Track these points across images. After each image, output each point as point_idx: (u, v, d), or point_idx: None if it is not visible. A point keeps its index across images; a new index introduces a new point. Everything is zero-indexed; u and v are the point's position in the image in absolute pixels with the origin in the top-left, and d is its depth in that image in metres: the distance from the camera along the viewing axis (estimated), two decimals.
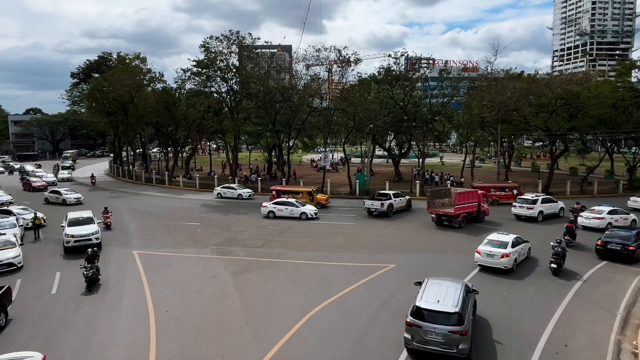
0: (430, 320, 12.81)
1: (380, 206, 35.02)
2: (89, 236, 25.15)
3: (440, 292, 13.71)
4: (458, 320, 12.68)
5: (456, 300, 13.17)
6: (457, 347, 12.47)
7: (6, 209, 33.21)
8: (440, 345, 12.60)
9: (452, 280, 15.02)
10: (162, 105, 58.21)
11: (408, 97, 50.77)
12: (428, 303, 13.20)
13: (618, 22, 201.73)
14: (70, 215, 27.21)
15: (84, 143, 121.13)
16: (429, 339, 12.69)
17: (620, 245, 22.21)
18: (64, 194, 43.14)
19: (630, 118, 46.48)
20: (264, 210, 35.81)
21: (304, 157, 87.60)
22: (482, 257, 21.19)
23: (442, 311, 12.86)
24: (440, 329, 12.58)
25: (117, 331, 15.43)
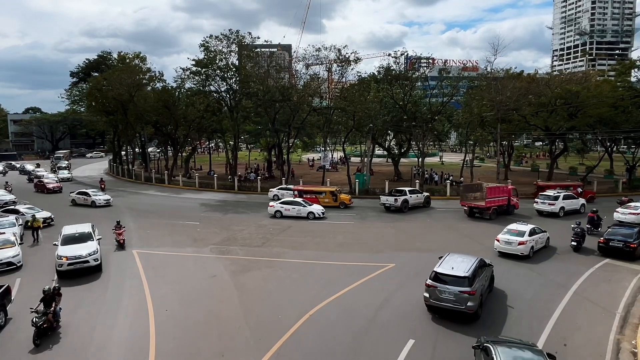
0: (444, 282, 15.74)
1: (394, 202, 36.46)
2: (85, 257, 20.93)
3: (456, 262, 16.66)
4: (467, 283, 15.44)
5: (467, 268, 16.03)
6: (466, 304, 15.26)
7: (13, 208, 32.94)
8: (451, 302, 15.46)
9: (468, 255, 17.75)
10: (161, 105, 58.13)
11: (408, 97, 50.79)
12: (444, 269, 16.19)
13: (618, 21, 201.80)
14: (65, 231, 23.41)
15: (84, 142, 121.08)
16: (442, 297, 15.62)
17: (622, 242, 22.50)
18: (92, 195, 41.10)
19: (629, 117, 46.51)
20: (271, 210, 35.49)
21: (304, 157, 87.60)
22: (500, 244, 23.33)
23: (454, 275, 15.77)
24: (452, 289, 15.47)
25: (116, 330, 15.43)
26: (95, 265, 21.23)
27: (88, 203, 40.59)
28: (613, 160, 59.64)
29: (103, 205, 40.07)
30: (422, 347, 14.00)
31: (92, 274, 20.93)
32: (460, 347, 13.98)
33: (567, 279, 19.80)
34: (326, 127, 51.79)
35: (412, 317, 16.19)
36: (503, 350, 11.17)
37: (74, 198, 41.64)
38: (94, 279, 20.58)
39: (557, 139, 51.22)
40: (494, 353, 11.02)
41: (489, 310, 16.49)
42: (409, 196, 37.51)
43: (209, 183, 53.34)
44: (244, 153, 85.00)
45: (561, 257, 23.23)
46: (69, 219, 32.13)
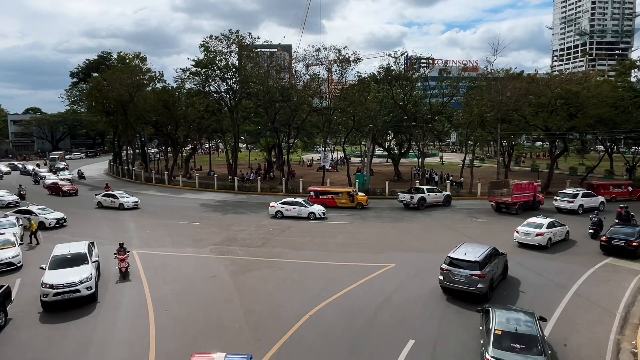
0: (457, 267, 17.46)
1: (411, 199, 37.84)
2: (75, 286, 17.07)
3: (468, 249, 18.43)
4: (478, 267, 17.09)
5: (479, 255, 17.71)
6: (476, 286, 16.93)
7: (27, 209, 32.65)
8: (463, 284, 17.20)
9: (481, 244, 19.41)
10: (161, 105, 58.12)
11: (408, 97, 50.76)
12: (457, 255, 17.98)
13: (618, 21, 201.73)
14: (56, 250, 19.86)
15: (84, 142, 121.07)
16: (455, 280, 17.39)
17: (624, 241, 22.80)
18: (120, 197, 39.65)
19: (629, 118, 46.51)
20: (272, 210, 35.38)
21: (304, 157, 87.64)
22: (519, 235, 25.13)
23: (466, 260, 17.51)
24: (464, 273, 17.21)
25: (116, 330, 15.44)
26: (88, 295, 17.42)
27: (115, 205, 39.06)
28: (613, 160, 59.65)
29: (131, 207, 38.90)
30: (422, 348, 14.00)
31: (85, 305, 17.34)
32: (461, 347, 13.99)
33: (567, 279, 19.80)
34: (326, 128, 51.76)
35: (412, 317, 16.20)
36: (500, 312, 13.41)
37: (100, 200, 40.13)
38: None
39: (557, 139, 51.16)
40: (492, 313, 13.29)
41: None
42: (427, 194, 38.58)
43: (209, 183, 53.36)
44: (244, 153, 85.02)
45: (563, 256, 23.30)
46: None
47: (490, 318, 13.05)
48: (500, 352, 11.75)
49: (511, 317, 13.03)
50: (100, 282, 20.22)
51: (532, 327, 12.58)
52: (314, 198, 38.88)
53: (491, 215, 35.38)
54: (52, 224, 31.20)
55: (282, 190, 48.15)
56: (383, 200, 43.10)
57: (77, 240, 22.61)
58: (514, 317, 13.05)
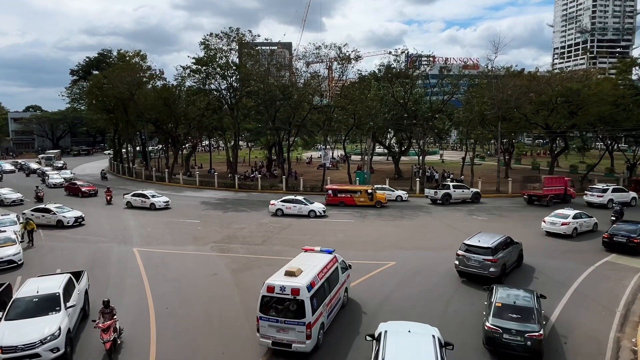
0: (472, 252, 19.06)
1: (435, 194, 39.33)
2: (34, 347, 12.37)
3: (483, 237, 19.94)
4: (490, 252, 18.66)
5: (492, 242, 19.20)
6: (488, 270, 18.51)
7: (45, 207, 32.19)
8: (476, 268, 18.83)
9: (496, 233, 20.73)
10: (162, 103, 58.13)
11: (408, 95, 50.67)
12: (472, 242, 19.57)
13: (619, 19, 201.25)
14: (23, 289, 14.83)
15: (84, 140, 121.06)
16: (469, 264, 19.07)
17: (625, 237, 23.02)
18: (151, 197, 38.42)
19: (630, 116, 46.44)
20: (272, 208, 35.36)
21: (304, 155, 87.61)
22: (546, 225, 27.20)
23: (480, 246, 19.09)
24: (478, 258, 18.81)
25: None
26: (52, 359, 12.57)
27: (146, 206, 37.83)
28: (614, 158, 59.58)
29: (162, 207, 37.81)
30: None
31: None
32: (460, 345, 14.00)
33: (567, 277, 19.82)
34: (326, 126, 51.70)
35: (412, 315, 16.17)
36: (503, 289, 14.81)
37: (129, 200, 38.89)
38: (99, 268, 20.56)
39: (558, 137, 51.11)
40: (495, 290, 14.69)
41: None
42: (453, 190, 39.79)
43: (209, 181, 53.36)
44: (244, 151, 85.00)
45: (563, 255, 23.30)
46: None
47: (494, 293, 14.49)
48: (498, 321, 13.17)
49: (512, 293, 14.34)
50: (101, 277, 20.27)
51: (529, 301, 13.80)
52: (333, 197, 38.65)
53: (491, 213, 35.39)
54: (71, 222, 30.97)
55: (283, 188, 48.16)
56: None
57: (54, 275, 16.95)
58: (514, 294, 14.34)
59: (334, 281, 15.62)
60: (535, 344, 12.65)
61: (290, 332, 12.94)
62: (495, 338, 13.07)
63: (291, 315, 13.09)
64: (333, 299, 15.15)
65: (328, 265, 15.50)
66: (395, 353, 10.51)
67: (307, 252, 17.11)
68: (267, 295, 13.48)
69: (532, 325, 12.86)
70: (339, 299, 15.96)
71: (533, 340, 12.62)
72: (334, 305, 15.34)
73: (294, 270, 14.07)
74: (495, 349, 13.24)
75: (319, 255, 16.31)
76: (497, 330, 13.00)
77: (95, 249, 25.59)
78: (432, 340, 11.00)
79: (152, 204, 37.85)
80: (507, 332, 12.87)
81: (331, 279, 15.29)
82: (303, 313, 12.93)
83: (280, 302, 13.36)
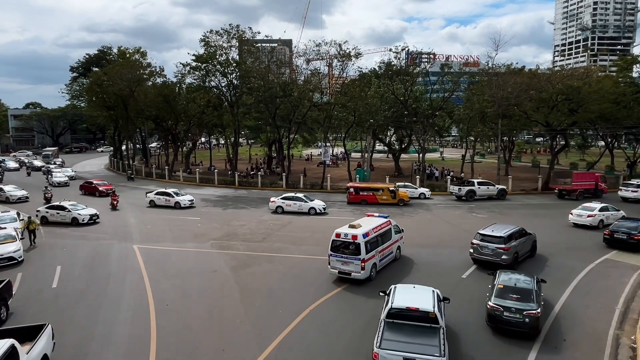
0: (485, 241, 20.60)
1: (458, 191, 40.27)
2: None
3: (497, 227, 21.57)
4: (503, 241, 20.08)
5: (505, 231, 20.68)
6: (500, 258, 19.94)
7: (59, 204, 31.89)
8: (490, 255, 20.28)
9: (510, 225, 22.11)
10: (162, 100, 58.06)
11: (409, 92, 50.62)
12: (486, 231, 21.07)
13: (620, 17, 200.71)
14: None
15: (84, 137, 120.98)
16: (483, 252, 20.52)
17: (626, 234, 23.33)
18: (175, 195, 37.42)
19: (631, 113, 46.38)
20: (272, 206, 35.34)
21: (304, 152, 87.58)
22: (573, 217, 28.89)
23: (493, 235, 20.61)
24: (491, 246, 20.28)
25: (117, 325, 15.49)
26: None
27: (170, 204, 37.00)
28: (614, 156, 59.54)
29: (187, 206, 37.03)
30: None
31: None
32: (459, 343, 14.03)
33: (567, 274, 19.84)
34: (327, 123, 51.67)
35: None
36: (506, 273, 16.06)
37: (153, 199, 37.90)
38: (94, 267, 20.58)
39: (558, 135, 51.08)
40: (498, 274, 15.91)
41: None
42: (477, 187, 40.39)
43: (209, 178, 53.35)
44: (244, 149, 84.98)
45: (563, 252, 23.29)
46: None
47: (497, 277, 15.71)
48: (500, 300, 14.42)
49: (513, 277, 15.58)
50: (101, 275, 20.29)
51: (529, 284, 15.03)
52: (354, 195, 38.41)
53: (491, 211, 35.38)
54: (86, 220, 30.81)
55: (283, 186, 48.17)
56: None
57: None
58: (515, 277, 15.57)
59: (387, 237, 21.04)
60: (532, 320, 13.88)
61: (350, 265, 18.70)
62: (496, 316, 14.28)
63: (351, 253, 18.67)
64: (385, 250, 20.69)
65: (382, 225, 20.89)
66: (402, 298, 13.35)
67: (368, 216, 22.68)
68: (336, 239, 19.18)
69: (530, 305, 14.07)
70: (391, 252, 21.40)
71: (531, 318, 13.88)
72: (386, 254, 20.84)
73: (355, 225, 19.70)
74: (497, 326, 14.43)
75: (376, 219, 21.77)
76: (499, 309, 14.21)
77: (96, 245, 25.61)
78: (432, 293, 13.85)
79: (176, 202, 37.01)
80: (508, 310, 14.09)
81: (384, 235, 20.77)
82: (359, 252, 18.51)
83: (344, 245, 18.92)
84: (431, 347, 11.58)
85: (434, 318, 12.52)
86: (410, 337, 11.97)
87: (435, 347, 11.60)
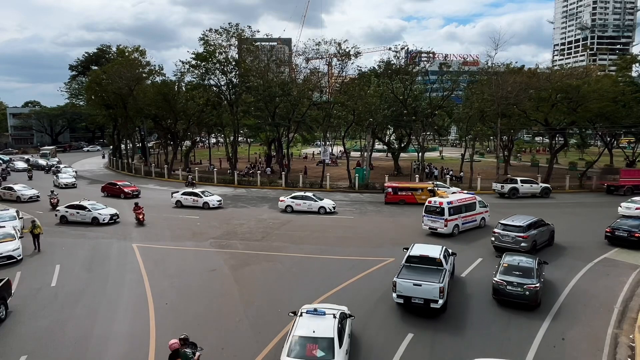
0: (506, 230, 22.71)
1: (501, 188, 41.25)
2: None
3: (517, 217, 23.68)
4: (522, 230, 22.19)
5: (524, 221, 22.84)
6: (520, 245, 21.82)
7: (79, 204, 31.40)
8: (510, 243, 22.21)
9: (529, 216, 24.16)
10: (161, 98, 57.99)
11: (408, 91, 50.59)
12: (506, 221, 23.25)
13: (619, 16, 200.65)
14: None
15: (83, 136, 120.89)
16: (503, 240, 22.62)
17: (627, 232, 23.85)
18: (203, 195, 36.52)
19: (630, 112, 46.41)
20: (282, 205, 35.10)
21: (303, 151, 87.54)
22: (622, 209, 30.84)
23: (513, 224, 22.73)
24: (511, 234, 22.36)
25: (117, 323, 15.50)
26: None
27: (199, 205, 36.10)
28: (613, 155, 59.55)
29: (216, 207, 36.41)
30: (421, 341, 14.07)
31: None
32: (458, 341, 14.06)
33: (566, 273, 19.86)
34: (326, 122, 51.65)
35: (411, 311, 16.23)
36: (510, 255, 18.10)
37: (179, 199, 36.97)
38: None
39: (557, 134, 51.09)
40: (504, 256, 18.06)
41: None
42: (520, 185, 41.00)
43: (208, 177, 53.30)
44: (243, 147, 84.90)
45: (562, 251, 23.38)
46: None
47: (502, 258, 17.79)
48: (504, 276, 16.53)
49: (517, 258, 17.63)
50: (101, 274, 20.27)
51: (531, 263, 17.02)
52: (392, 195, 37.94)
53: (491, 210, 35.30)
54: (106, 220, 30.39)
55: (282, 185, 48.16)
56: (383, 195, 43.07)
57: None
58: (519, 258, 17.58)
59: (471, 208, 27.74)
60: (532, 293, 15.89)
61: (436, 223, 26.27)
62: (500, 289, 16.41)
63: (437, 214, 26.21)
64: (468, 217, 27.36)
65: (467, 199, 27.76)
66: (418, 249, 18.05)
67: (458, 193, 30.48)
68: (428, 205, 26.95)
69: (530, 280, 16.10)
70: (474, 220, 27.93)
71: (530, 291, 15.88)
72: (468, 220, 27.48)
73: (443, 195, 28.31)
74: (500, 298, 16.53)
75: (463, 194, 28.88)
76: (502, 283, 16.34)
77: (95, 244, 25.61)
78: (441, 247, 17.84)
79: (205, 202, 36.13)
80: (510, 285, 16.18)
81: (468, 206, 27.55)
82: (443, 214, 25.94)
83: (433, 209, 26.54)
84: (434, 278, 15.78)
85: (439, 262, 16.77)
86: (421, 274, 16.21)
87: (437, 278, 15.77)
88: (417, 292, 15.51)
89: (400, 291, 15.79)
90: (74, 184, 48.59)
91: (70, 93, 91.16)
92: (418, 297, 15.52)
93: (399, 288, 15.82)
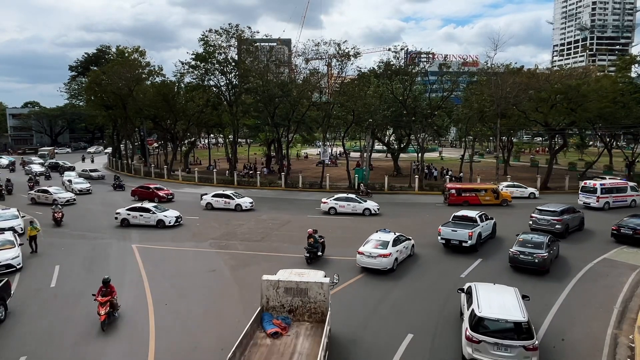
0: (542, 214, 26.37)
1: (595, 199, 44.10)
2: None
3: (551, 205, 27.65)
4: (557, 214, 25.77)
5: (558, 208, 26.56)
6: (555, 227, 25.18)
7: (142, 206, 30.66)
8: (546, 226, 25.54)
9: (564, 204, 27.70)
10: (160, 99, 57.98)
11: (407, 92, 50.61)
12: (543, 207, 27.15)
13: (619, 16, 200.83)
14: None
15: (83, 136, 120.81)
16: (540, 223, 26.08)
17: (632, 230, 24.56)
18: (235, 197, 35.79)
19: (629, 113, 46.43)
20: (324, 207, 34.45)
21: (303, 151, 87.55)
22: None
23: (549, 210, 26.54)
24: (547, 218, 25.93)
25: (116, 324, 15.48)
26: None
27: (230, 207, 35.35)
28: (612, 155, 59.53)
29: (248, 209, 35.67)
30: (421, 342, 14.07)
31: None
32: (458, 341, 14.06)
33: (565, 273, 19.89)
34: (325, 122, 51.64)
35: (411, 311, 16.25)
36: (526, 234, 21.75)
37: (210, 202, 36.14)
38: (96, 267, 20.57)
39: (557, 135, 51.12)
40: (521, 234, 21.66)
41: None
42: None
43: (208, 177, 53.28)
44: (243, 148, 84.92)
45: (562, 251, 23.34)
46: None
47: (519, 235, 21.29)
48: (519, 248, 20.19)
49: (531, 235, 21.34)
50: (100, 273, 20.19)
51: (543, 239, 20.39)
52: (456, 196, 37.11)
53: (490, 210, 35.29)
54: (172, 222, 29.80)
55: (282, 185, 48.14)
56: (383, 196, 43.13)
57: None
58: (532, 235, 21.18)
59: (622, 190, 34.02)
60: (540, 261, 19.38)
61: (590, 199, 33.61)
62: (515, 258, 20.08)
63: (591, 193, 33.59)
64: (618, 197, 33.75)
65: (619, 183, 34.42)
66: (460, 212, 24.63)
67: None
68: (583, 186, 34.40)
69: (540, 250, 19.63)
70: (624, 200, 33.90)
71: (540, 259, 19.41)
72: (619, 200, 33.39)
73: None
74: (515, 265, 20.22)
75: (617, 180, 34.45)
76: (517, 253, 20.01)
77: (94, 245, 25.59)
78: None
79: (237, 204, 35.42)
80: (523, 254, 19.83)
81: (619, 189, 33.99)
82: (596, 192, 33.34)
83: (589, 188, 33.63)
84: (466, 228, 22.99)
85: (474, 219, 23.85)
86: (459, 226, 23.42)
87: (469, 228, 22.97)
88: (454, 236, 22.95)
89: (443, 235, 23.19)
90: (88, 190, 44.83)
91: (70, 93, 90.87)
92: (454, 239, 22.86)
93: (442, 233, 23.22)
